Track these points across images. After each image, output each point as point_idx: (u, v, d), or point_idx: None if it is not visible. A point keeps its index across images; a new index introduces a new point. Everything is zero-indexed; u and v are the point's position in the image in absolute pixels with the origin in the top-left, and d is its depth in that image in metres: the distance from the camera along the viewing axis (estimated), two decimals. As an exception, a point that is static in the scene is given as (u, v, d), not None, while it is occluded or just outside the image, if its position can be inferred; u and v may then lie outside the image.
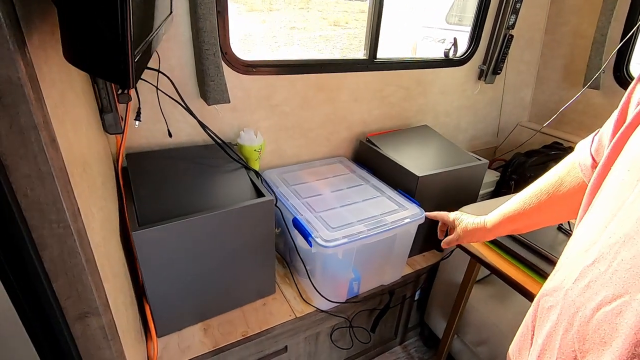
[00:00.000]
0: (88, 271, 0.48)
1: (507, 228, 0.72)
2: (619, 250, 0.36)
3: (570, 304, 0.40)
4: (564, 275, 0.42)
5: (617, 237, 0.36)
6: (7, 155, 0.38)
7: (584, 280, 0.39)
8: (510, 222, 0.70)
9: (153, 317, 0.98)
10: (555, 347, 0.41)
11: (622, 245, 0.35)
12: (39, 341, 0.50)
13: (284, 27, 9.53)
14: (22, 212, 0.41)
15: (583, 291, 0.39)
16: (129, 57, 0.31)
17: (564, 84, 1.88)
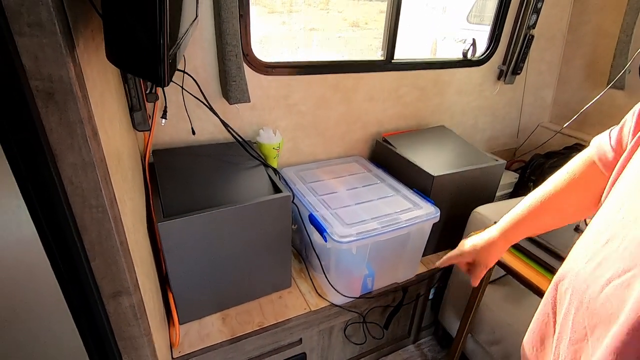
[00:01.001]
0: (122, 253, 0.52)
1: (521, 231, 0.69)
2: (631, 229, 0.37)
3: (581, 282, 0.41)
4: (577, 257, 0.44)
5: (630, 218, 0.38)
6: (56, 145, 0.43)
7: (595, 259, 0.41)
8: (519, 226, 0.68)
9: (176, 304, 1.03)
10: (568, 326, 0.42)
11: (634, 224, 0.37)
12: (78, 316, 0.55)
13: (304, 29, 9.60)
14: (68, 197, 0.46)
15: (594, 269, 0.40)
16: (165, 59, 0.36)
17: (586, 84, 1.84)
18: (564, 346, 0.43)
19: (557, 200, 0.63)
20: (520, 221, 0.68)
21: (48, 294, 0.51)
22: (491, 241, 0.73)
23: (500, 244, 0.72)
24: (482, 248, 0.74)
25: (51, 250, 0.48)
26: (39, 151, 0.43)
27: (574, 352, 0.41)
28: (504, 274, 1.27)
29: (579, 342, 0.40)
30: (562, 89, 1.98)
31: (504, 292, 1.21)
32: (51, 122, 0.42)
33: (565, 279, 0.45)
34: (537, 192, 0.66)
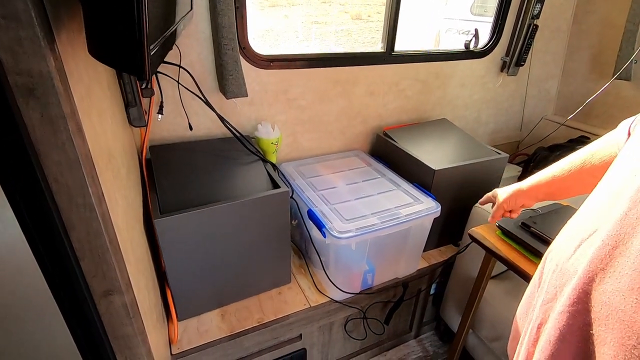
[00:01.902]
0: (111, 252, 0.51)
1: (542, 191, 0.77)
2: (604, 200, 0.41)
3: (558, 249, 0.45)
4: (566, 230, 0.47)
5: (609, 194, 0.41)
6: (39, 143, 0.41)
7: (571, 230, 0.45)
8: (545, 185, 0.75)
9: (174, 301, 1.03)
10: (544, 289, 0.45)
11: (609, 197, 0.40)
12: (69, 317, 0.54)
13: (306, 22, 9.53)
14: (53, 195, 0.45)
15: (572, 236, 0.43)
16: (145, 51, 0.34)
17: (592, 76, 1.81)
18: (537, 308, 0.45)
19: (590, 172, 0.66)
20: (546, 182, 0.75)
21: (37, 294, 0.50)
22: (516, 190, 0.84)
23: (524, 197, 0.83)
24: (510, 194, 0.86)
25: (38, 250, 0.47)
26: (22, 150, 0.42)
27: (544, 312, 0.43)
28: (505, 270, 1.25)
29: (549, 302, 0.43)
30: (567, 81, 1.94)
31: (506, 287, 1.20)
32: (33, 119, 0.40)
33: (552, 251, 0.47)
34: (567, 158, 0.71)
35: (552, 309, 0.42)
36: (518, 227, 0.99)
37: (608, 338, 0.34)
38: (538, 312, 0.45)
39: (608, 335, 0.34)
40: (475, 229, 1.04)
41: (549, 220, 1.00)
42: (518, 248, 0.96)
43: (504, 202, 0.87)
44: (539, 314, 0.44)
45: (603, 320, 0.35)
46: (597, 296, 0.36)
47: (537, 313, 0.45)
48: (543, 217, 1.02)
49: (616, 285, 0.34)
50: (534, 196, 0.81)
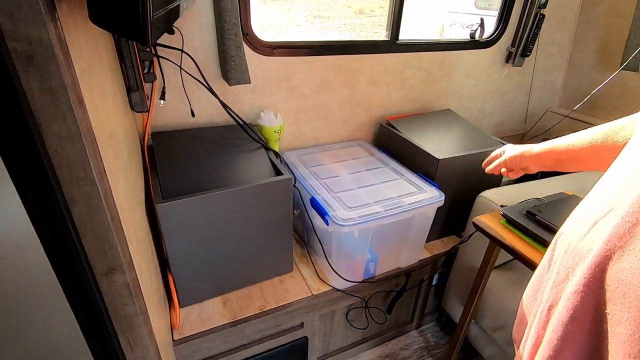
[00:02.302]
0: (113, 229, 0.51)
1: (552, 157, 0.74)
2: (620, 181, 0.40)
3: (570, 230, 0.44)
4: (578, 212, 0.46)
5: (625, 174, 0.40)
6: (39, 113, 0.41)
7: (584, 212, 0.44)
8: (557, 152, 0.72)
9: (176, 287, 1.02)
10: (555, 271, 0.44)
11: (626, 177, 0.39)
12: (72, 295, 0.54)
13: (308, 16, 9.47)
14: (54, 169, 0.44)
15: (583, 218, 0.43)
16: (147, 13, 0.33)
17: (598, 67, 1.79)
18: (547, 290, 0.44)
19: (600, 148, 0.63)
20: (559, 150, 0.72)
21: (40, 272, 0.49)
22: (526, 151, 0.81)
23: (531, 160, 0.80)
24: (519, 153, 0.83)
25: (40, 226, 0.47)
26: (22, 120, 0.41)
27: (555, 294, 0.42)
28: (509, 260, 1.25)
29: (561, 283, 0.42)
30: (573, 73, 1.92)
31: (509, 277, 1.19)
32: (33, 88, 0.39)
33: (563, 233, 0.46)
34: (586, 131, 0.67)
35: (564, 290, 0.41)
36: (523, 215, 0.98)
37: (624, 317, 0.33)
38: (548, 294, 0.44)
39: (624, 314, 0.33)
40: (479, 218, 1.03)
41: (554, 209, 0.99)
42: (523, 236, 0.95)
43: (509, 160, 0.85)
44: (550, 295, 0.43)
45: (619, 299, 0.34)
46: (614, 274, 0.35)
47: (547, 295, 0.44)
48: (548, 206, 1.00)
49: (635, 262, 0.33)
50: (542, 162, 0.78)
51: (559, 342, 0.39)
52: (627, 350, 0.32)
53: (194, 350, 1.01)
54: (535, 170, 0.83)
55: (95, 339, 0.58)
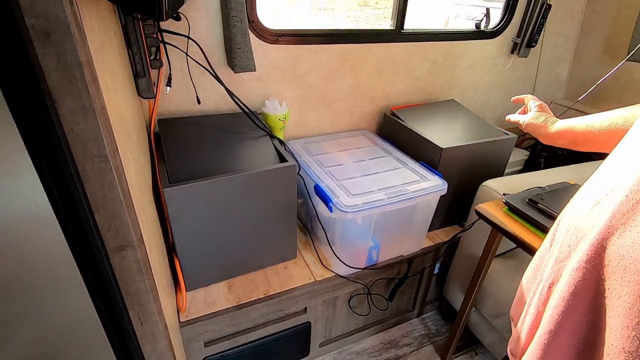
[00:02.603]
0: (125, 206, 0.52)
1: (567, 137, 0.73)
2: (623, 161, 0.41)
3: (573, 209, 0.45)
4: (581, 194, 0.46)
5: (629, 155, 0.40)
6: (55, 90, 0.42)
7: (587, 192, 0.44)
8: (573, 134, 0.71)
9: (182, 271, 1.04)
10: (556, 249, 0.44)
11: (630, 158, 0.39)
12: (85, 271, 0.56)
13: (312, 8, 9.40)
14: (69, 145, 0.45)
15: (585, 198, 0.43)
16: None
17: (604, 58, 1.78)
18: (548, 268, 0.45)
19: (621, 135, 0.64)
20: (576, 129, 0.71)
21: (55, 247, 0.51)
22: (542, 124, 0.80)
23: (546, 134, 0.79)
24: (537, 122, 0.82)
25: (55, 201, 0.48)
26: (38, 97, 0.42)
27: (557, 271, 0.43)
28: (512, 248, 1.26)
29: (562, 261, 0.42)
30: (579, 64, 1.91)
31: (511, 265, 1.20)
32: (49, 65, 0.41)
33: (566, 213, 0.47)
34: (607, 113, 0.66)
35: (565, 267, 0.42)
36: (525, 203, 0.99)
37: (624, 291, 0.34)
38: (549, 272, 0.45)
39: (624, 288, 0.34)
40: (481, 205, 1.04)
41: (556, 197, 1.00)
42: (525, 224, 0.96)
43: (525, 125, 0.85)
44: (551, 274, 0.45)
45: (619, 274, 0.35)
46: (615, 250, 0.36)
47: (548, 273, 0.45)
48: (550, 194, 1.01)
49: (637, 238, 0.34)
50: (555, 141, 0.77)
51: (560, 317, 0.40)
52: (625, 323, 0.33)
53: (200, 332, 1.03)
54: (546, 142, 0.82)
55: (107, 313, 0.60)
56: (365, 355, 1.39)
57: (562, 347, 0.40)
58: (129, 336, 0.65)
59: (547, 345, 0.41)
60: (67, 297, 0.56)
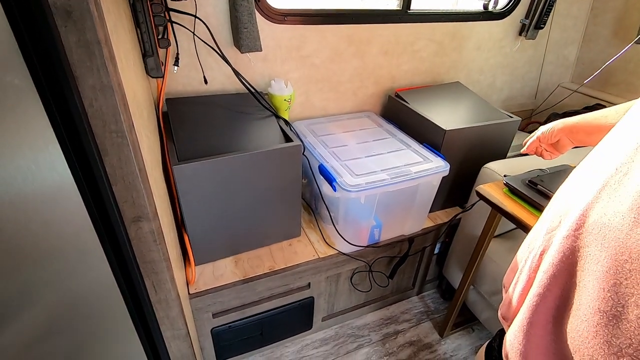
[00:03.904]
0: (140, 179, 0.55)
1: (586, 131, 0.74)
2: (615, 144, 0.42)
3: (565, 185, 0.47)
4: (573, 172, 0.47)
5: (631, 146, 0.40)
6: (76, 66, 0.44)
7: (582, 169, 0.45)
8: (591, 127, 0.72)
9: (191, 246, 1.09)
10: (548, 219, 0.47)
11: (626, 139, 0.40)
12: (104, 240, 0.59)
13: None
14: (89, 120, 0.48)
15: (580, 175, 0.44)
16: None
17: (614, 41, 1.75)
18: (540, 237, 0.47)
19: None
20: (594, 125, 0.72)
21: (76, 217, 0.54)
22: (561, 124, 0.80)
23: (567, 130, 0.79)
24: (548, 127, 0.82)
25: (77, 173, 0.51)
26: (61, 74, 0.44)
27: (548, 240, 0.45)
28: (510, 229, 1.29)
29: (553, 230, 0.45)
30: (588, 47, 1.88)
31: (509, 245, 1.24)
32: (70, 42, 0.43)
33: (561, 190, 0.49)
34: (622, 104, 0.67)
35: (555, 235, 0.44)
36: (525, 184, 1.01)
37: (602, 256, 0.37)
38: (541, 241, 0.47)
39: (602, 253, 0.37)
40: (482, 186, 1.06)
41: (556, 179, 1.02)
42: (524, 205, 0.99)
43: (541, 136, 0.84)
44: (542, 242, 0.47)
45: (600, 241, 0.37)
46: (598, 219, 0.38)
47: (539, 242, 0.48)
48: (550, 176, 1.03)
49: (618, 207, 0.36)
50: (574, 134, 0.77)
51: (549, 281, 0.43)
52: (602, 285, 0.36)
53: (208, 304, 1.08)
54: (568, 146, 0.83)
55: (124, 281, 0.64)
56: (366, 329, 1.45)
57: (548, 308, 0.43)
58: (145, 302, 0.69)
59: (536, 306, 0.44)
60: (87, 265, 0.60)
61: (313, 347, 1.38)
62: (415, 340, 1.42)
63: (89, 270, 0.61)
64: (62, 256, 0.57)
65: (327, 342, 1.40)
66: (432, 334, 1.45)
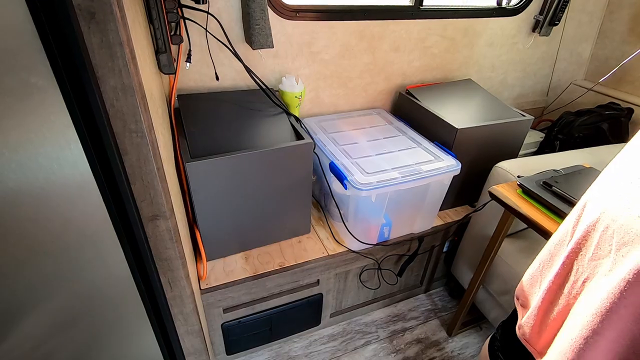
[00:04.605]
0: (159, 179, 0.56)
1: None
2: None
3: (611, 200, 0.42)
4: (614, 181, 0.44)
5: None
6: (99, 67, 0.44)
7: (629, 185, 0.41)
8: None
9: (203, 242, 1.09)
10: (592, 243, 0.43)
11: None
12: (122, 237, 0.60)
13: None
14: (110, 120, 0.48)
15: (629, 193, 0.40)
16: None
17: (630, 38, 1.72)
18: (582, 262, 0.45)
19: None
20: None
21: (96, 214, 0.55)
22: None
23: None
24: None
25: (97, 172, 0.52)
26: (83, 74, 0.45)
27: (593, 268, 0.43)
28: (523, 229, 1.28)
29: (600, 259, 0.42)
30: (602, 44, 1.85)
31: (521, 245, 1.23)
32: (93, 43, 0.43)
33: (599, 201, 0.45)
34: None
35: (602, 266, 0.41)
36: (539, 186, 1.00)
37: None
38: (585, 267, 0.44)
39: None
40: (495, 187, 1.05)
41: (571, 181, 1.01)
42: (538, 206, 0.98)
43: None
44: (586, 268, 0.44)
45: None
46: None
47: (582, 267, 0.45)
48: (565, 177, 1.02)
49: None
50: None
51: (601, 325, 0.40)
52: None
53: (219, 299, 1.09)
54: None
55: (141, 277, 0.65)
56: (374, 326, 1.46)
57: (601, 352, 0.40)
58: (160, 299, 0.70)
59: (582, 350, 0.41)
60: (105, 261, 0.61)
61: (321, 342, 1.39)
62: (423, 337, 1.43)
63: (107, 266, 0.62)
64: (81, 252, 0.58)
65: (335, 338, 1.41)
66: (440, 332, 1.45)
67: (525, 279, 0.60)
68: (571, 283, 0.46)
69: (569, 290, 0.46)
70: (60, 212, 0.52)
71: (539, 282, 0.55)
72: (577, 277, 0.45)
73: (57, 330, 0.61)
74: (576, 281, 0.45)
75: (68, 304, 0.61)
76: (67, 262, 0.57)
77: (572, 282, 0.46)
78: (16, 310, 0.54)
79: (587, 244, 0.45)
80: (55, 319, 0.60)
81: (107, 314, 0.67)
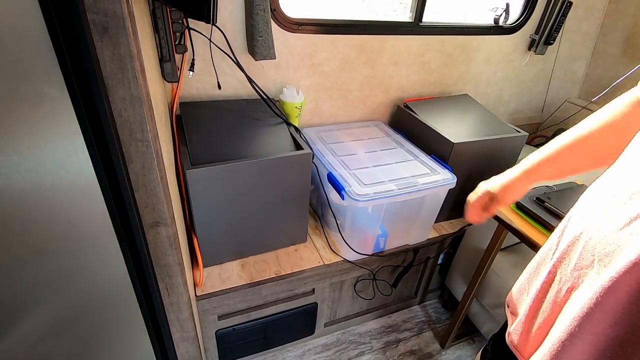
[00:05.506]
0: (161, 187, 0.57)
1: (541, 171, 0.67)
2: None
3: (596, 216, 0.43)
4: (598, 195, 0.46)
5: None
6: (109, 79, 0.46)
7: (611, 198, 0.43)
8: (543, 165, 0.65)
9: (200, 248, 1.10)
10: (576, 253, 0.45)
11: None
12: (122, 243, 0.61)
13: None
14: (117, 129, 0.50)
15: (611, 206, 0.42)
16: None
17: (623, 59, 1.77)
18: (565, 271, 0.46)
19: (590, 141, 0.60)
20: (545, 160, 0.65)
21: (98, 219, 0.56)
22: (511, 179, 0.71)
23: (520, 182, 0.70)
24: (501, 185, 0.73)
25: (102, 179, 0.53)
26: (94, 85, 0.46)
27: (577, 277, 0.44)
28: (515, 243, 1.30)
29: (584, 269, 0.43)
30: (596, 64, 1.90)
31: (513, 259, 1.25)
32: (105, 56, 0.45)
33: (580, 216, 0.47)
34: (570, 132, 0.62)
35: (587, 275, 0.42)
36: (532, 201, 1.02)
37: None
38: (568, 276, 0.45)
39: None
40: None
41: (563, 197, 1.03)
42: (531, 222, 1.00)
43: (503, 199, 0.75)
44: (570, 277, 0.45)
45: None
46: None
47: (566, 276, 0.46)
48: (557, 194, 1.04)
49: None
50: (535, 179, 0.69)
51: (578, 329, 0.41)
52: None
53: (214, 306, 1.10)
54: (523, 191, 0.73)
55: (139, 282, 0.66)
56: (367, 336, 1.46)
57: (576, 355, 0.42)
58: (157, 304, 0.71)
59: (560, 352, 0.43)
60: (105, 266, 0.62)
61: (315, 352, 1.39)
62: (416, 349, 1.43)
63: (106, 270, 0.63)
64: (82, 256, 0.59)
65: (328, 347, 1.41)
66: (433, 344, 1.46)
67: (515, 288, 0.62)
68: (555, 291, 0.48)
69: (554, 299, 0.48)
70: (64, 216, 0.53)
71: (526, 290, 0.57)
72: (561, 285, 0.47)
73: (55, 331, 0.62)
74: (560, 290, 0.47)
75: (66, 305, 0.62)
76: (68, 265, 0.58)
77: (557, 291, 0.48)
78: (15, 310, 0.55)
79: (571, 254, 0.46)
80: (53, 320, 0.61)
81: (104, 317, 0.68)
